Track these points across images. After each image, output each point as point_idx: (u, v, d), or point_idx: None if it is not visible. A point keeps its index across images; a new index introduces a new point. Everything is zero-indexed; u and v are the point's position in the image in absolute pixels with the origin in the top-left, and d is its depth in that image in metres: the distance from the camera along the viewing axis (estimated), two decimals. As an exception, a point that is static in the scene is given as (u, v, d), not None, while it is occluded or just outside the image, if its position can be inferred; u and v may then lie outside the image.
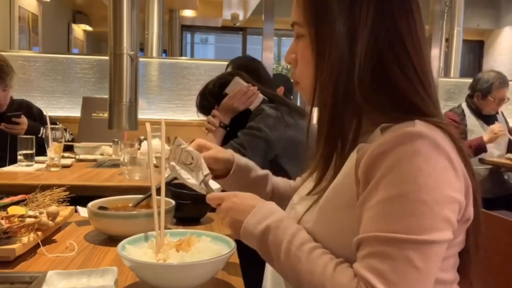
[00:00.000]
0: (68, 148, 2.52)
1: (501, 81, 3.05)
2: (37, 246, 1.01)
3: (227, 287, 0.88)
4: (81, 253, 1.01)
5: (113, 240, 1.07)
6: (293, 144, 1.71)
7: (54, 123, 2.22)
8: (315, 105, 0.77)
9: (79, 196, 1.38)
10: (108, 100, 2.27)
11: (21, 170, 2.03)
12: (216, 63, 3.53)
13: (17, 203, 1.14)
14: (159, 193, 0.92)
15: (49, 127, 2.03)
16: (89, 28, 8.44)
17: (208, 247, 0.85)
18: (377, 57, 0.70)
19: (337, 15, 0.71)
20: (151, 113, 3.48)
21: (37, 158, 2.15)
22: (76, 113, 3.28)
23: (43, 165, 2.08)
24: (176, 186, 1.28)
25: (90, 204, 1.14)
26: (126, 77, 2.22)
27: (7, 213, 1.05)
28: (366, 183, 0.66)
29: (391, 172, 0.63)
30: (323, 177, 0.78)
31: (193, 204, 1.26)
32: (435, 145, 0.63)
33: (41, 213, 1.09)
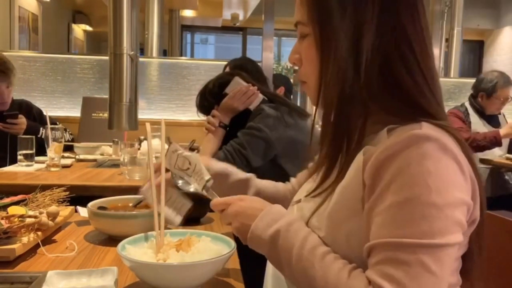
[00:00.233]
0: (68, 148, 2.52)
1: (505, 80, 3.07)
2: (37, 246, 1.01)
3: (227, 287, 0.88)
4: (81, 253, 1.01)
5: (113, 240, 1.07)
6: (293, 144, 1.71)
7: (54, 123, 2.22)
8: (320, 105, 0.76)
9: (79, 196, 1.38)
10: (108, 100, 2.27)
11: (21, 170, 2.03)
12: (216, 63, 3.53)
13: (17, 203, 1.14)
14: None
15: (49, 127, 2.03)
16: (89, 28, 8.43)
17: (208, 247, 0.85)
18: (383, 56, 0.69)
19: (342, 13, 0.71)
20: (151, 113, 3.48)
21: (37, 158, 2.15)
22: (76, 113, 3.28)
23: (43, 165, 2.08)
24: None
25: (90, 204, 1.14)
26: (126, 77, 2.22)
27: (7, 213, 1.05)
28: (372, 186, 0.65)
29: (400, 175, 0.62)
30: (327, 177, 0.76)
31: (194, 204, 1.26)
32: (443, 148, 0.63)
33: (41, 213, 1.09)
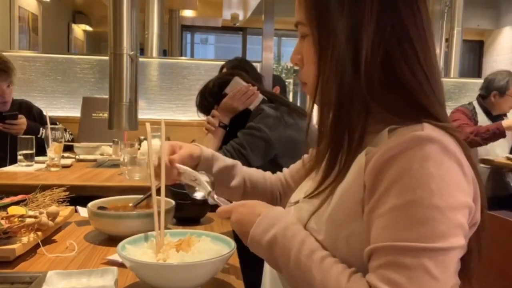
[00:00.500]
0: (68, 148, 2.52)
1: None
2: (37, 246, 1.01)
3: (227, 287, 0.88)
4: (81, 253, 1.01)
5: (113, 240, 1.07)
6: (293, 144, 1.71)
7: (54, 123, 2.22)
8: (317, 105, 0.75)
9: (79, 196, 1.38)
10: (108, 100, 2.27)
11: (21, 170, 2.03)
12: (216, 63, 3.52)
13: (17, 203, 1.14)
14: (159, 193, 0.92)
15: (49, 127, 2.03)
16: (89, 28, 8.43)
17: (208, 247, 0.85)
18: (384, 54, 0.68)
19: (339, 12, 0.70)
20: (151, 113, 3.48)
21: (37, 158, 2.15)
22: (76, 113, 3.28)
23: (43, 165, 2.08)
24: (176, 186, 1.28)
25: (90, 204, 1.14)
26: (126, 77, 2.22)
27: (7, 213, 1.05)
28: (373, 188, 0.64)
29: (402, 178, 0.61)
30: (327, 178, 0.75)
31: (193, 204, 1.26)
32: (445, 149, 0.62)
33: (41, 213, 1.09)
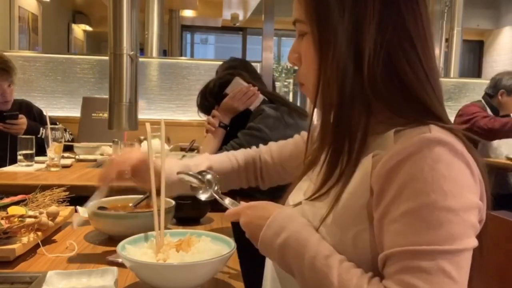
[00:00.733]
0: (68, 148, 2.52)
1: None
2: (37, 246, 1.01)
3: (227, 287, 0.88)
4: (81, 253, 1.01)
5: (113, 240, 1.07)
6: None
7: (54, 123, 2.22)
8: (318, 105, 0.74)
9: (79, 196, 1.37)
10: (108, 100, 2.27)
11: (21, 170, 2.03)
12: (216, 63, 3.50)
13: (17, 203, 1.14)
14: (159, 193, 0.92)
15: (49, 127, 2.03)
16: (89, 28, 8.43)
17: (208, 247, 0.85)
18: (386, 53, 0.68)
19: (341, 10, 0.69)
20: (151, 113, 3.48)
21: (37, 158, 2.15)
22: (76, 113, 3.28)
23: (43, 165, 2.08)
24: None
25: (90, 204, 1.14)
26: (126, 77, 2.22)
27: (7, 213, 1.05)
28: (381, 193, 0.63)
29: (413, 181, 0.60)
30: (328, 179, 0.74)
31: (193, 204, 1.26)
32: (454, 151, 0.62)
33: (41, 213, 1.09)
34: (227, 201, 0.87)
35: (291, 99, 9.07)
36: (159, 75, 3.58)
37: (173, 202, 1.17)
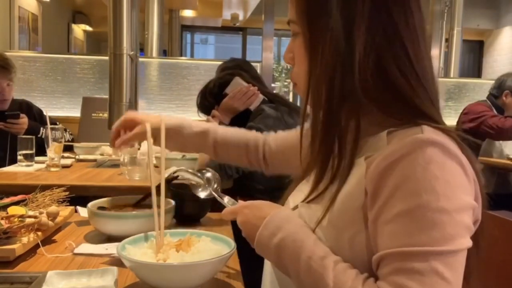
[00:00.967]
0: (68, 148, 2.52)
1: None
2: (37, 246, 1.01)
3: (227, 287, 0.88)
4: (81, 253, 1.01)
5: (113, 240, 1.07)
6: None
7: (54, 123, 2.22)
8: (309, 105, 0.75)
9: (79, 196, 1.38)
10: (108, 100, 2.27)
11: (21, 170, 2.03)
12: (216, 63, 3.50)
13: (17, 203, 1.14)
14: (159, 193, 0.92)
15: (49, 127, 2.02)
16: (89, 28, 8.44)
17: (208, 247, 0.85)
18: (376, 55, 0.68)
19: (330, 11, 0.69)
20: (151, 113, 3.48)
21: (37, 158, 2.14)
22: (76, 113, 3.28)
23: (43, 165, 2.08)
24: (176, 186, 1.28)
25: (90, 204, 1.14)
26: (126, 77, 2.23)
27: (7, 213, 1.05)
28: (375, 194, 0.63)
29: (406, 182, 0.60)
30: (320, 180, 0.74)
31: (193, 204, 1.26)
32: (446, 151, 0.62)
33: (41, 213, 1.09)
34: (226, 200, 0.87)
35: (291, 99, 9.05)
36: (159, 75, 3.58)
37: (173, 202, 1.17)
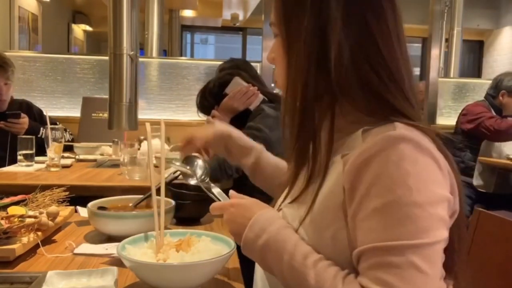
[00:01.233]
0: (68, 148, 2.52)
1: None
2: (37, 246, 1.01)
3: (227, 287, 0.88)
4: (81, 253, 1.01)
5: (113, 240, 1.07)
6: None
7: (54, 123, 2.22)
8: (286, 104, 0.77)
9: (79, 196, 1.38)
10: (108, 100, 2.27)
11: (21, 170, 2.03)
12: (216, 63, 3.51)
13: (17, 203, 1.14)
14: (159, 193, 0.92)
15: (49, 127, 2.02)
16: (89, 28, 8.43)
17: (208, 247, 0.85)
18: (349, 55, 0.69)
19: (304, 13, 0.71)
20: (151, 113, 3.48)
21: (37, 158, 2.14)
22: (76, 113, 3.28)
23: (43, 165, 2.08)
24: (176, 186, 1.28)
25: (90, 204, 1.14)
26: (126, 77, 2.22)
27: (7, 213, 1.05)
28: (352, 191, 0.65)
29: (380, 179, 0.62)
30: (295, 181, 0.77)
31: (193, 204, 1.26)
32: (418, 147, 0.63)
33: (41, 213, 1.09)
34: (216, 191, 0.89)
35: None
36: (159, 75, 3.58)
37: (173, 202, 1.17)
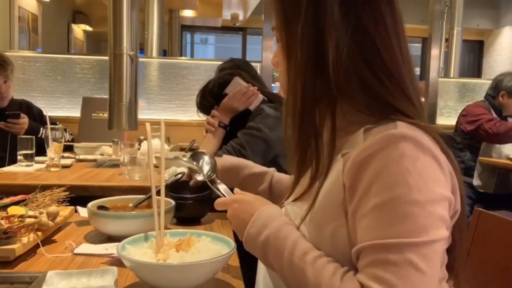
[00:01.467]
0: (68, 148, 2.52)
1: None
2: (37, 246, 1.01)
3: (227, 287, 0.88)
4: (81, 253, 1.01)
5: (113, 240, 1.07)
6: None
7: (54, 123, 2.22)
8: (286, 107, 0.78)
9: (79, 196, 1.38)
10: (108, 100, 2.27)
11: (21, 170, 2.03)
12: (216, 63, 3.50)
13: (17, 203, 1.14)
14: (159, 193, 0.92)
15: (49, 127, 2.02)
16: (89, 28, 8.43)
17: (208, 247, 0.85)
18: (347, 57, 0.70)
19: (303, 17, 0.72)
20: (151, 113, 3.48)
21: (37, 158, 2.14)
22: (76, 113, 3.28)
23: (43, 165, 2.08)
24: (176, 190, 1.27)
25: (90, 204, 1.14)
26: (126, 77, 2.22)
27: (7, 213, 1.05)
28: (352, 189, 0.65)
29: (380, 176, 0.62)
30: (299, 181, 0.78)
31: (194, 204, 1.27)
32: (419, 145, 0.64)
33: (41, 213, 1.09)
34: (221, 187, 0.89)
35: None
36: (159, 75, 3.58)
37: (173, 202, 1.17)
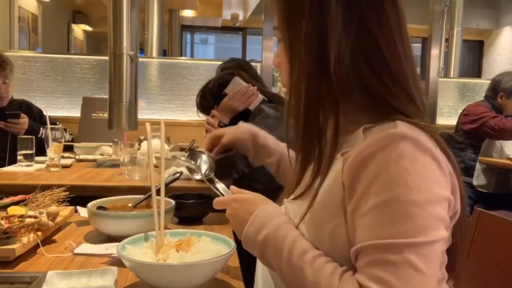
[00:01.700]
0: (68, 148, 2.52)
1: None
2: (37, 246, 1.01)
3: (227, 287, 0.88)
4: (81, 253, 1.01)
5: (113, 240, 1.07)
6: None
7: (54, 123, 2.22)
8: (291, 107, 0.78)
9: (79, 196, 1.37)
10: (108, 100, 2.27)
11: (21, 170, 2.03)
12: (216, 63, 3.50)
13: (17, 203, 1.14)
14: (159, 193, 0.92)
15: (49, 127, 2.02)
16: (89, 28, 8.43)
17: (208, 247, 0.85)
18: (348, 57, 0.70)
19: (306, 17, 0.72)
20: (151, 113, 3.48)
21: (37, 158, 2.14)
22: (76, 113, 3.28)
23: (43, 165, 2.08)
24: (176, 195, 1.27)
25: (89, 204, 1.14)
26: (126, 77, 2.22)
27: (7, 213, 1.05)
28: (352, 188, 0.65)
29: (379, 176, 0.62)
30: (301, 180, 0.78)
31: (195, 203, 1.27)
32: (419, 145, 0.63)
33: (41, 213, 1.09)
34: (220, 187, 0.89)
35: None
36: (159, 75, 3.58)
37: (173, 202, 1.17)
